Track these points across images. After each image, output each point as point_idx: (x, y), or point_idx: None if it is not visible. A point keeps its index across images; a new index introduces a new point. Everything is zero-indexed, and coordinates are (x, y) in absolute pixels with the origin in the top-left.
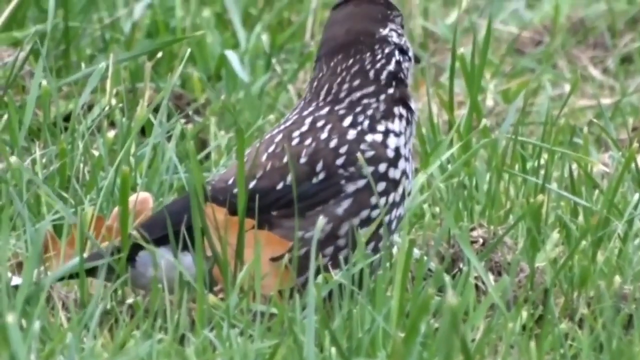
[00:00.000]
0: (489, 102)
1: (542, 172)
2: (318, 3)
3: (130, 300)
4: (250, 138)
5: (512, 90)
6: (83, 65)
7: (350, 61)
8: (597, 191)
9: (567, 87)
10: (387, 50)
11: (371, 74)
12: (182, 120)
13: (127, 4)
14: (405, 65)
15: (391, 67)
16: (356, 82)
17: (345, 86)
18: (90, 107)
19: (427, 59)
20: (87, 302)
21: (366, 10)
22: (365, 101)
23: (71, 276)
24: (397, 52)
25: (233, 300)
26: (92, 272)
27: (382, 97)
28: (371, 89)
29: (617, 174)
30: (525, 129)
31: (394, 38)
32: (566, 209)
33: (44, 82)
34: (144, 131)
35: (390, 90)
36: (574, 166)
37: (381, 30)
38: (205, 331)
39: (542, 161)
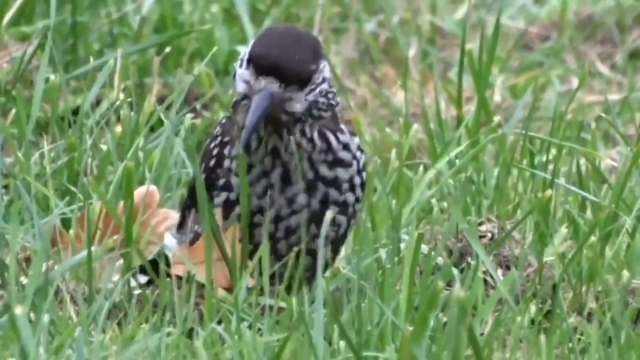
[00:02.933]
0: (497, 98)
1: (551, 167)
2: None
3: (138, 292)
4: None
5: (520, 85)
6: (91, 59)
7: None
8: (605, 186)
9: (575, 83)
10: None
11: None
12: (190, 115)
13: None
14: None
15: None
16: None
17: None
18: (98, 102)
19: (435, 55)
20: (96, 296)
21: None
22: None
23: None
24: None
25: (241, 293)
26: None
27: None
28: None
29: (625, 168)
30: (533, 124)
31: None
32: (574, 204)
33: (52, 76)
34: (152, 126)
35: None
36: (582, 161)
37: None
38: (214, 324)
39: (550, 156)
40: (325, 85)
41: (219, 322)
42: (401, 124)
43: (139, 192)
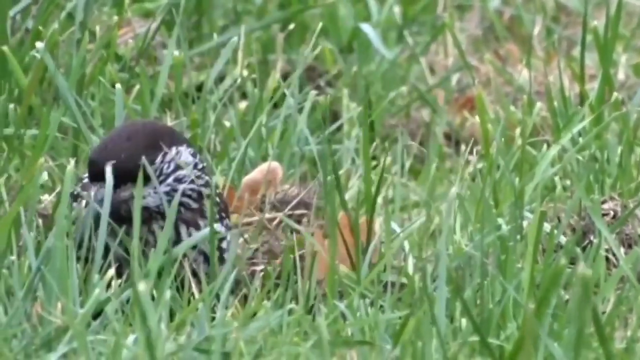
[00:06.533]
0: (621, 76)
1: None
2: None
3: (259, 267)
4: (382, 111)
5: None
6: (215, 36)
7: None
8: None
9: None
10: None
11: None
12: (314, 92)
13: None
14: None
15: None
16: None
17: None
18: (222, 78)
19: (560, 32)
20: (217, 272)
21: None
22: None
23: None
24: None
25: (364, 270)
26: None
27: None
28: None
29: None
30: None
31: None
32: None
33: (176, 53)
34: (276, 103)
35: None
36: None
37: None
38: (336, 301)
39: None
40: (183, 172)
41: (341, 299)
42: (525, 102)
43: (261, 169)
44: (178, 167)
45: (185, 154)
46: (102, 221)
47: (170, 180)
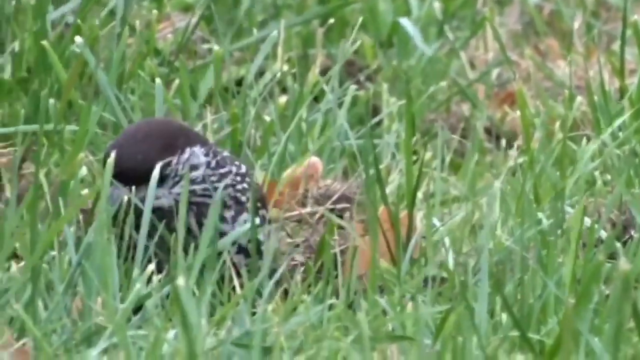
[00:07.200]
0: None
1: None
2: None
3: (299, 259)
4: (422, 105)
5: None
6: (254, 30)
7: None
8: None
9: None
10: None
11: None
12: (354, 87)
13: None
14: None
15: None
16: None
17: None
18: (261, 73)
19: (599, 27)
20: (259, 267)
21: None
22: None
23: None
24: None
25: (404, 265)
26: None
27: None
28: None
29: None
30: None
31: None
32: None
33: (216, 47)
34: (316, 97)
35: None
36: None
37: None
38: (377, 296)
39: None
40: (197, 173)
41: (381, 294)
42: (565, 96)
43: (302, 163)
44: (192, 168)
45: (198, 154)
46: (144, 219)
47: (183, 182)
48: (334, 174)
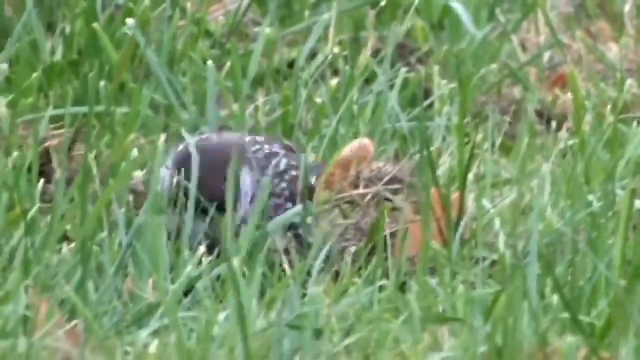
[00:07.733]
0: None
1: None
2: None
3: (350, 243)
4: (473, 87)
5: None
6: (306, 12)
7: None
8: None
9: None
10: None
11: None
12: (405, 69)
13: None
14: None
15: None
16: None
17: None
18: (313, 55)
19: None
20: (309, 248)
21: None
22: None
23: None
24: None
25: (455, 246)
26: None
27: None
28: None
29: None
30: None
31: None
32: None
33: (268, 30)
34: (367, 79)
35: None
36: None
37: None
38: (427, 277)
39: None
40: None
41: (432, 275)
42: (616, 79)
43: (353, 145)
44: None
45: (245, 181)
46: (190, 200)
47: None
48: (385, 156)
